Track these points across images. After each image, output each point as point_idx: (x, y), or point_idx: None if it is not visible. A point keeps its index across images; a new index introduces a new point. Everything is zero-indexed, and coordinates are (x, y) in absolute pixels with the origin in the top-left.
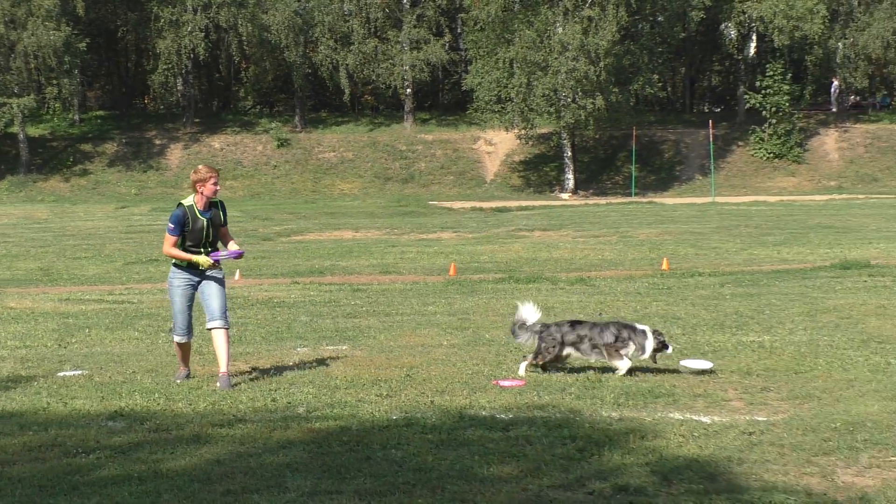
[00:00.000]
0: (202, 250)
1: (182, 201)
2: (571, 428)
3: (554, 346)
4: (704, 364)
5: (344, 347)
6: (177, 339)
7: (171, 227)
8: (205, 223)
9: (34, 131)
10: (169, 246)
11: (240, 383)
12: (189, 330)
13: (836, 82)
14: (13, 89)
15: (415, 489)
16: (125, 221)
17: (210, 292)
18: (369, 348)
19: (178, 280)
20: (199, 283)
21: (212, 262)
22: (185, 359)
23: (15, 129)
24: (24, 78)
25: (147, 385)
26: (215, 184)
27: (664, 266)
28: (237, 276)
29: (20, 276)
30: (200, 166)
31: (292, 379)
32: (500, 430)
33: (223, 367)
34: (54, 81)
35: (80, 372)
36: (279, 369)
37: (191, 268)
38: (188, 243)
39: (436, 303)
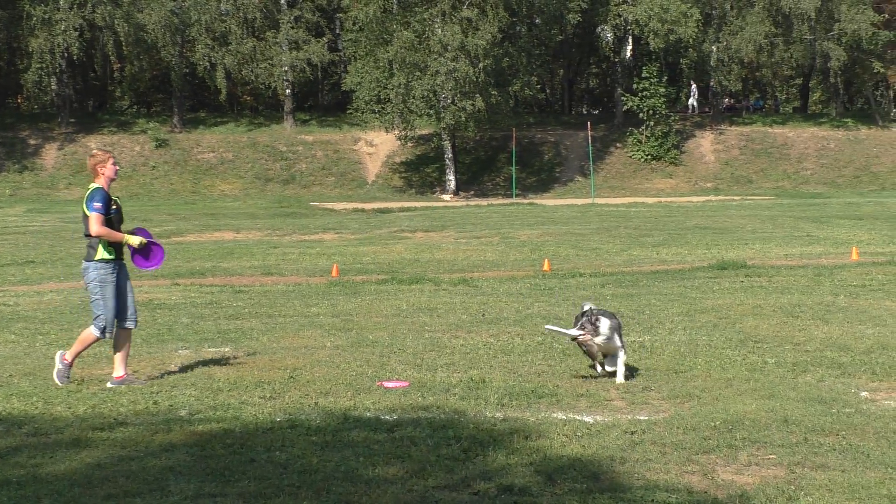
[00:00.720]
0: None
1: (95, 186)
2: (456, 428)
3: None
4: (569, 330)
5: (226, 349)
6: (107, 336)
7: (98, 206)
8: (119, 204)
9: None
10: (100, 226)
11: (121, 386)
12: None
13: (694, 86)
14: None
15: (300, 491)
16: None
17: (128, 289)
18: (252, 350)
19: (111, 274)
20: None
21: (145, 241)
22: (126, 356)
23: None
24: None
25: (24, 388)
26: (115, 163)
27: (546, 267)
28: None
29: None
30: (95, 150)
31: (174, 381)
32: (385, 431)
33: (124, 369)
34: None
35: None
36: (161, 372)
37: (116, 258)
38: (114, 226)
39: (319, 304)
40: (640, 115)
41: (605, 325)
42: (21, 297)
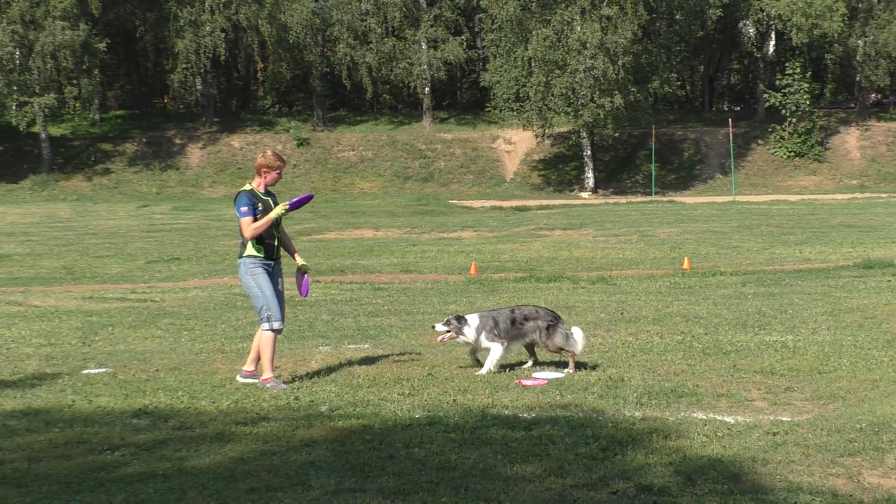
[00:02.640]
0: (277, 235)
1: (242, 189)
2: (594, 427)
3: None
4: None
5: (366, 346)
6: (277, 326)
7: (244, 210)
8: (270, 202)
9: (56, 131)
10: (249, 228)
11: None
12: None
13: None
14: (34, 89)
15: (438, 488)
16: (146, 220)
17: (281, 291)
18: (391, 347)
19: (261, 267)
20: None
21: (288, 206)
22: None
23: (37, 128)
24: (45, 77)
25: (170, 383)
26: (279, 175)
27: (685, 265)
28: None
29: (44, 274)
30: (269, 152)
31: (315, 378)
32: (523, 429)
33: (255, 366)
34: (74, 81)
35: (104, 370)
36: (302, 368)
37: (266, 257)
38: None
39: (457, 301)
40: (783, 111)
41: (472, 325)
42: (167, 293)
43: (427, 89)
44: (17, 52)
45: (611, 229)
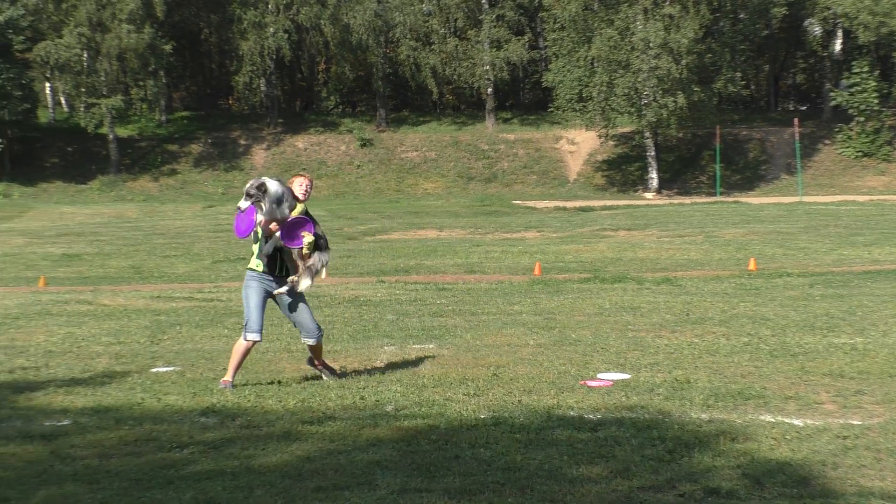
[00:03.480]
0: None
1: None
2: (660, 429)
3: None
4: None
5: (431, 346)
6: (251, 337)
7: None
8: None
9: (123, 132)
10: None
11: (329, 382)
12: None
13: None
14: (101, 90)
15: (504, 488)
16: (212, 220)
17: (300, 307)
18: (456, 347)
19: (253, 280)
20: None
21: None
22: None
23: (104, 129)
24: (112, 79)
25: (237, 382)
26: (305, 191)
27: (751, 266)
28: (323, 275)
29: (113, 273)
30: (306, 176)
31: (380, 377)
32: (589, 430)
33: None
34: (140, 83)
35: (172, 368)
36: (367, 368)
37: (264, 272)
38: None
39: (521, 302)
40: (850, 110)
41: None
42: (233, 292)
43: (490, 90)
44: (85, 55)
45: (675, 230)
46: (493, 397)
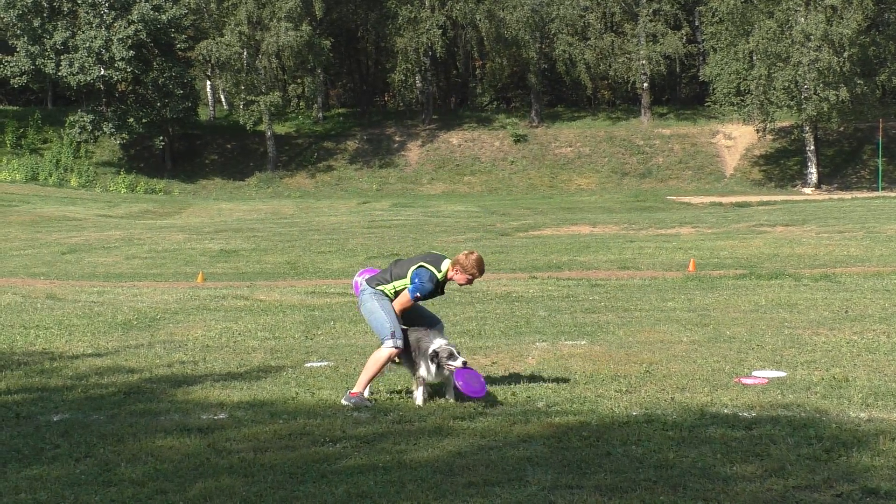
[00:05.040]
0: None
1: (437, 270)
2: (817, 428)
3: None
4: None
5: (582, 343)
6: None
7: (416, 296)
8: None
9: (280, 129)
10: (400, 304)
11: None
12: None
13: None
14: (260, 88)
15: (656, 486)
16: (367, 217)
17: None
18: (608, 344)
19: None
20: None
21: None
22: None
23: (262, 127)
24: (270, 77)
25: (390, 378)
26: (469, 283)
27: None
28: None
29: (269, 269)
30: (474, 258)
31: (531, 373)
32: (743, 428)
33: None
34: (298, 80)
35: (326, 363)
36: (518, 364)
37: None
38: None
39: (675, 299)
40: None
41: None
42: None
43: (646, 84)
44: (245, 53)
45: (835, 225)
46: (646, 394)
